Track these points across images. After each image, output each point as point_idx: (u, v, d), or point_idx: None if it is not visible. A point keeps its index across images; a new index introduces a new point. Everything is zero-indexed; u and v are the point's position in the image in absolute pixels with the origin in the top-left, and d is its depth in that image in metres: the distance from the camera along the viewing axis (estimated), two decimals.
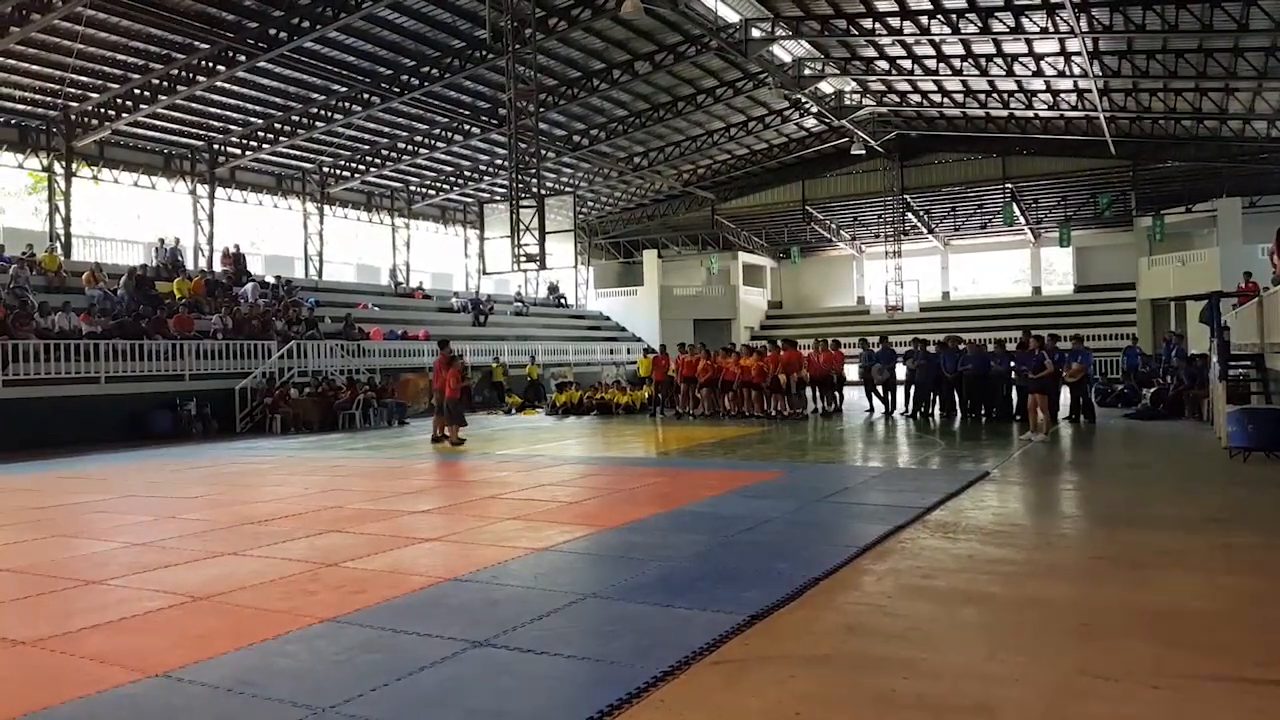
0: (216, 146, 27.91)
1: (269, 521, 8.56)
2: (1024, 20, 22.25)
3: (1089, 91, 27.07)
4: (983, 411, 18.32)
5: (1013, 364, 17.36)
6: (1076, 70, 25.11)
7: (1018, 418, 17.19)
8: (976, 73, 26.96)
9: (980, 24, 22.84)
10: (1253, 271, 21.85)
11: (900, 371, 20.22)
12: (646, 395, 23.92)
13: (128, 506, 9.88)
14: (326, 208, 33.06)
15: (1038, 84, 28.09)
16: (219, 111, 25.85)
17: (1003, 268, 45.59)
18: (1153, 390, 19.78)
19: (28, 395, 17.19)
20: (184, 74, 22.48)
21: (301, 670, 4.43)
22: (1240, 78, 23.74)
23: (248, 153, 28.51)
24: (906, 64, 27.71)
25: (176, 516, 9.02)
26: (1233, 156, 32.80)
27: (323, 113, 26.53)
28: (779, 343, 21.46)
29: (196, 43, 21.30)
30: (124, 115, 23.93)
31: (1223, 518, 7.93)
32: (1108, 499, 9.26)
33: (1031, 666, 4.27)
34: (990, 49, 25.40)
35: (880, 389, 20.35)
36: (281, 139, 27.87)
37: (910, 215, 41.70)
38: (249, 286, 26.05)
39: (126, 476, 12.78)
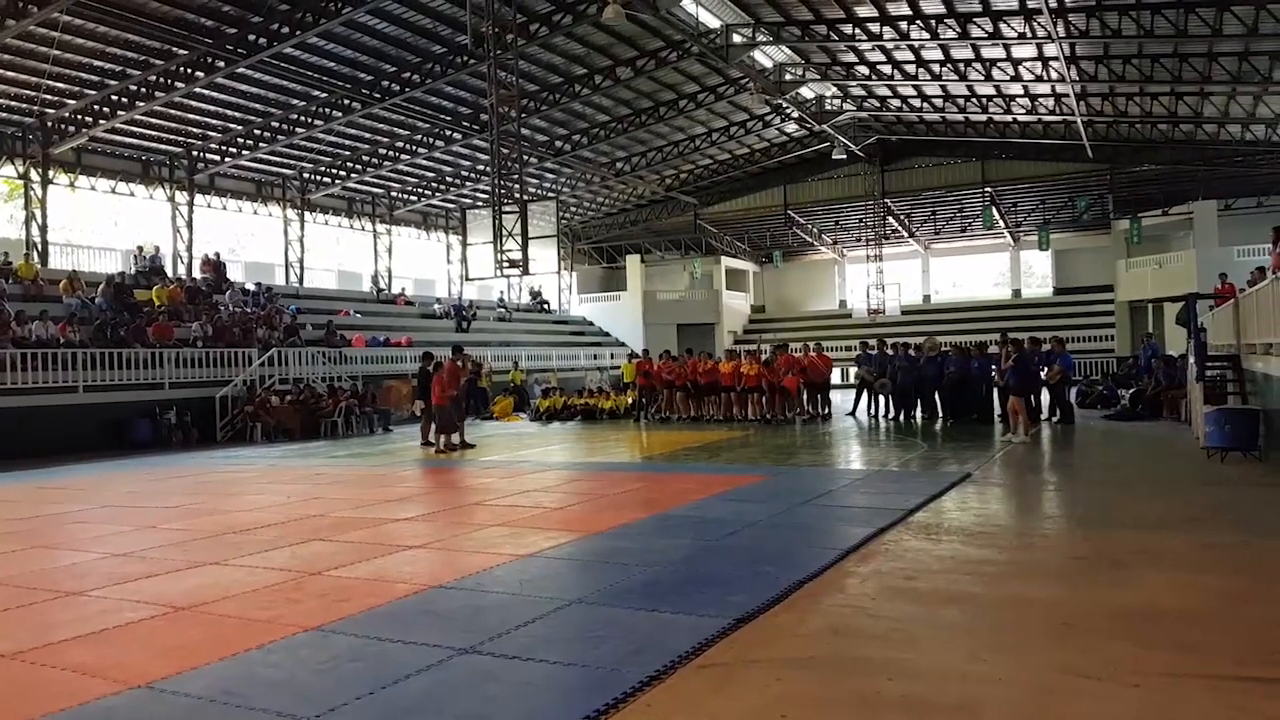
0: (195, 153, 27.75)
1: (251, 530, 8.51)
2: (1002, 26, 22.45)
3: (1066, 96, 27.35)
4: (948, 414, 18.50)
5: (992, 366, 17.50)
6: (1054, 75, 25.37)
7: (1001, 417, 17.30)
8: (955, 78, 27.16)
9: (959, 29, 23.02)
10: (1228, 273, 22.13)
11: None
12: (630, 400, 23.93)
13: (108, 516, 9.80)
14: (307, 214, 32.89)
15: (1016, 89, 28.35)
16: (198, 118, 25.69)
17: (983, 270, 45.92)
18: (1131, 391, 19.96)
19: (5, 405, 16.99)
20: (162, 80, 22.33)
21: (285, 680, 4.41)
22: (1214, 82, 24.04)
23: (227, 159, 28.36)
24: (886, 69, 27.89)
25: (157, 526, 8.95)
26: (1208, 160, 33.19)
27: (303, 118, 26.43)
28: (789, 347, 21.56)
29: (175, 49, 21.16)
30: (101, 122, 23.75)
31: (1201, 517, 8.02)
32: (1087, 499, 9.34)
33: (1013, 666, 4.30)
34: (969, 54, 25.61)
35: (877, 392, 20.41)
36: (261, 145, 27.75)
37: (891, 219, 41.96)
38: (229, 293, 25.89)
39: (106, 486, 12.67)
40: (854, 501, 9.24)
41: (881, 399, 20.11)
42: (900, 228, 42.79)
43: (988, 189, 38.86)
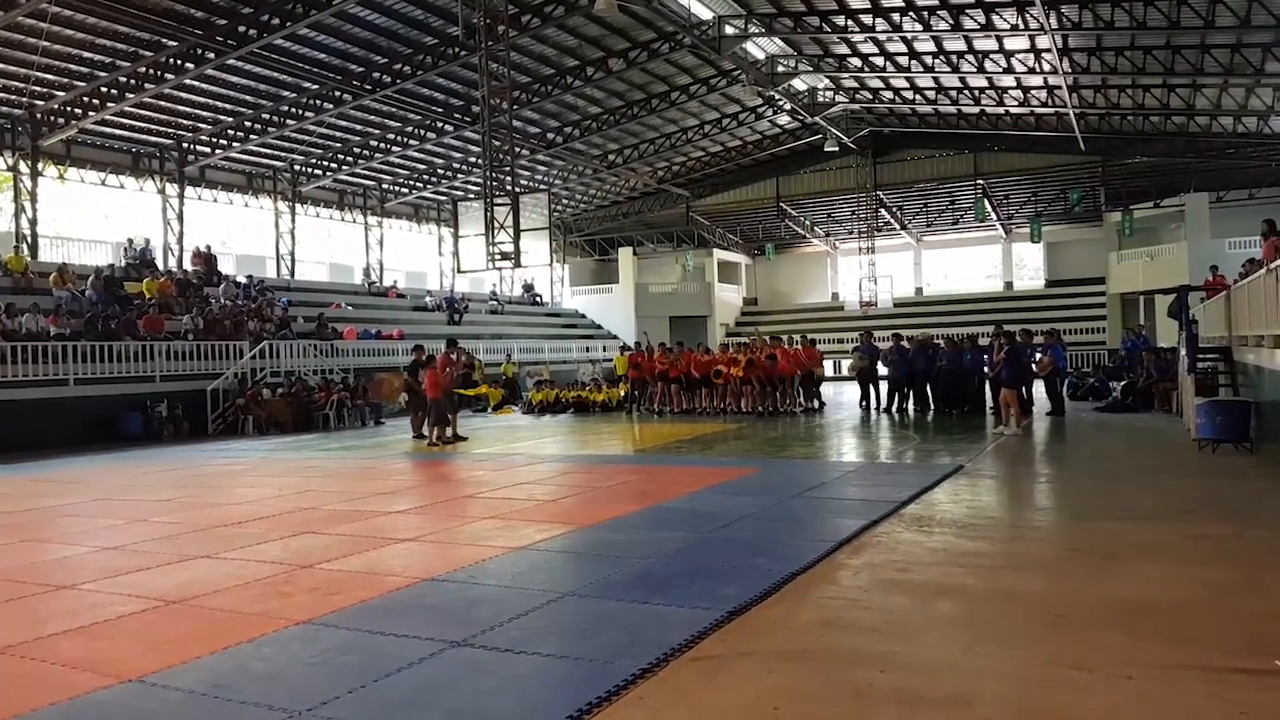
0: (186, 145, 27.59)
1: (242, 524, 8.48)
2: (994, 17, 22.43)
3: (1059, 88, 27.34)
4: (940, 406, 18.54)
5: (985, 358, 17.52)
6: (1046, 67, 25.36)
7: (993, 410, 17.32)
8: (948, 69, 27.15)
9: (951, 21, 23.00)
10: (1220, 265, 22.19)
11: (882, 368, 20.37)
12: (623, 393, 23.91)
13: (99, 510, 9.75)
14: (298, 206, 32.77)
15: (1008, 81, 28.34)
16: (188, 110, 25.56)
17: (975, 263, 45.99)
18: (1123, 383, 20.02)
19: None
20: (152, 72, 22.19)
21: (277, 673, 4.39)
22: (1207, 74, 24.06)
23: (218, 151, 28.21)
24: (879, 61, 27.86)
25: (148, 520, 8.92)
26: (1199, 152, 33.25)
27: (294, 110, 26.30)
28: (782, 339, 21.60)
29: (165, 40, 21.05)
30: (91, 114, 23.60)
31: (1193, 509, 8.04)
32: (1080, 491, 9.37)
33: (1006, 658, 4.31)
34: (961, 46, 25.58)
35: (871, 384, 20.38)
36: (252, 137, 27.60)
37: (883, 211, 41.97)
38: (221, 286, 25.78)
39: (97, 479, 12.62)
40: (846, 494, 9.26)
41: (873, 391, 20.12)
42: (892, 220, 42.81)
43: (980, 181, 38.89)
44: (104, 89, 22.92)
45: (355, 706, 3.91)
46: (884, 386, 19.99)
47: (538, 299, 42.51)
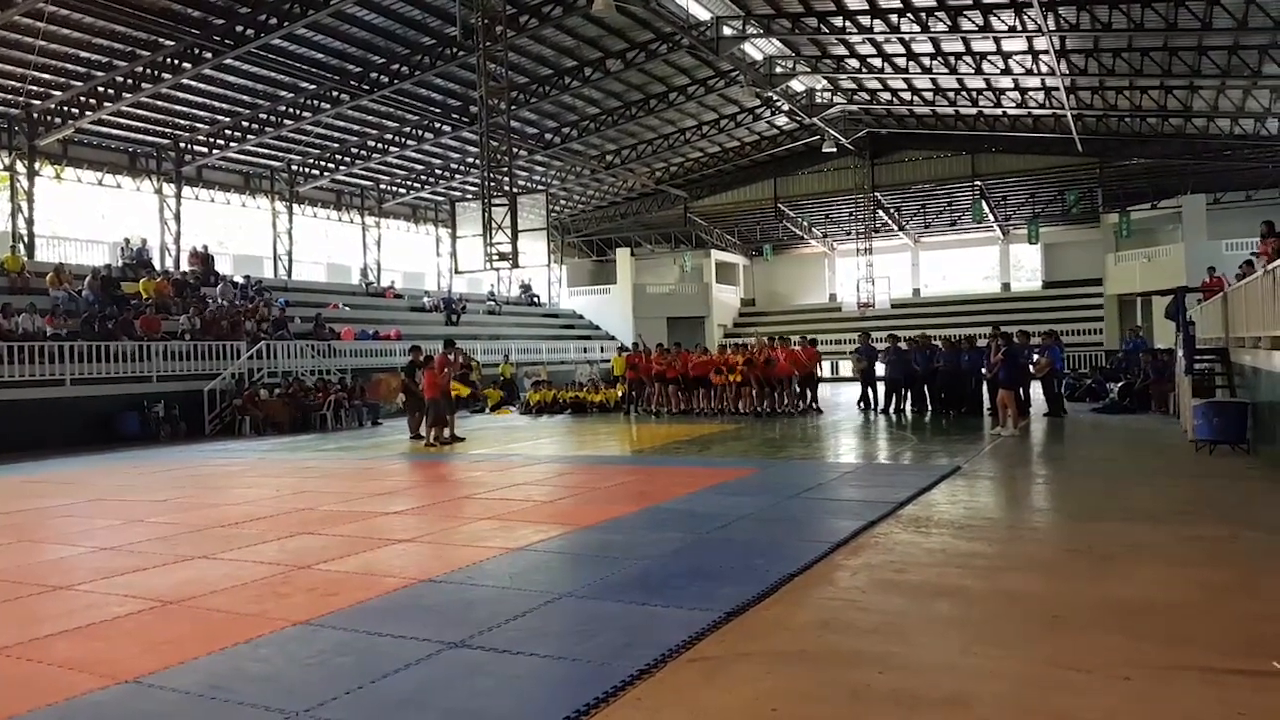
0: (183, 145, 27.56)
1: (240, 524, 8.47)
2: (992, 19, 22.46)
3: (1056, 89, 27.39)
4: (938, 407, 18.55)
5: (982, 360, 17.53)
6: (1044, 68, 25.39)
7: (990, 411, 17.33)
8: (945, 71, 27.18)
9: (949, 22, 23.03)
10: (1217, 266, 22.21)
11: (879, 368, 20.38)
12: (620, 394, 23.89)
13: (96, 510, 9.73)
14: (296, 206, 32.73)
15: (1006, 82, 28.38)
16: (185, 109, 25.52)
17: (972, 264, 46.04)
18: (1120, 384, 20.03)
19: None
20: (149, 71, 22.16)
21: (274, 674, 4.38)
22: (1204, 75, 24.11)
23: (215, 151, 28.18)
24: (877, 62, 27.88)
25: (145, 520, 8.90)
26: (1197, 154, 33.30)
27: (291, 110, 26.28)
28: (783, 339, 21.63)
29: (162, 40, 21.02)
30: (88, 113, 23.55)
31: (1190, 510, 8.04)
32: (1077, 492, 9.37)
33: (1004, 659, 4.30)
34: (959, 47, 25.62)
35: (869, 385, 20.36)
36: (249, 137, 27.58)
37: (881, 212, 42.00)
38: (218, 287, 25.75)
39: (94, 480, 12.59)
40: (844, 495, 9.25)
41: (870, 392, 20.11)
42: (890, 221, 42.84)
43: (977, 182, 38.94)
44: (101, 89, 22.88)
45: (353, 707, 3.90)
46: (882, 387, 19.96)
47: (535, 299, 42.48)
